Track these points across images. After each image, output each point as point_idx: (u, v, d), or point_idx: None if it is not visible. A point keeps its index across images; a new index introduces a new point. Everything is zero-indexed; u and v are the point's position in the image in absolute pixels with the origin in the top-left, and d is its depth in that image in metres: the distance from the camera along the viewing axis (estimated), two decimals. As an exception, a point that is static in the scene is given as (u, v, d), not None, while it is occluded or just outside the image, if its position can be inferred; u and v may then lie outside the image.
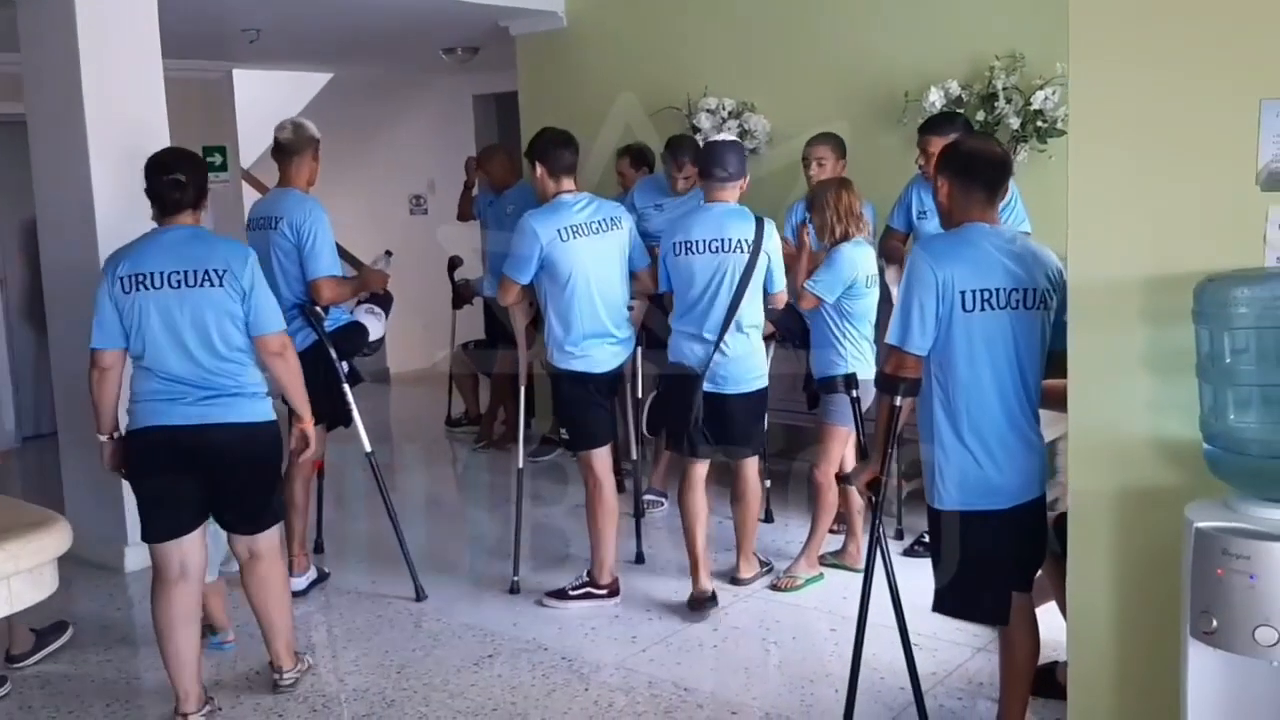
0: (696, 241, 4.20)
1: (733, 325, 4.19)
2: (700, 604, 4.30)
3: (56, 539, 1.50)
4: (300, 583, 4.64)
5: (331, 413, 4.60)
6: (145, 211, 5.00)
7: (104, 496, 4.92)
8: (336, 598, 4.66)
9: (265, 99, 9.36)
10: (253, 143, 9.59)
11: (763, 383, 4.39)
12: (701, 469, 4.42)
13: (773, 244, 4.27)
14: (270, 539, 3.64)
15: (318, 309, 4.44)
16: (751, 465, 4.52)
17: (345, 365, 4.56)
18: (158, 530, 3.45)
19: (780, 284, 4.34)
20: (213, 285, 3.40)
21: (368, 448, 4.65)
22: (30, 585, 1.49)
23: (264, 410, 3.52)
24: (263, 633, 3.75)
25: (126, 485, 4.81)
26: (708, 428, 4.29)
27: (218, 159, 8.51)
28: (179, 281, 3.39)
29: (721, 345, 4.20)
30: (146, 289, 3.38)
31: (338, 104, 9.50)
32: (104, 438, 3.55)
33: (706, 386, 4.23)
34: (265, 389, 3.55)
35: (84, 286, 4.82)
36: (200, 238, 3.52)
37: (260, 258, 4.36)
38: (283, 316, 3.64)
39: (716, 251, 4.18)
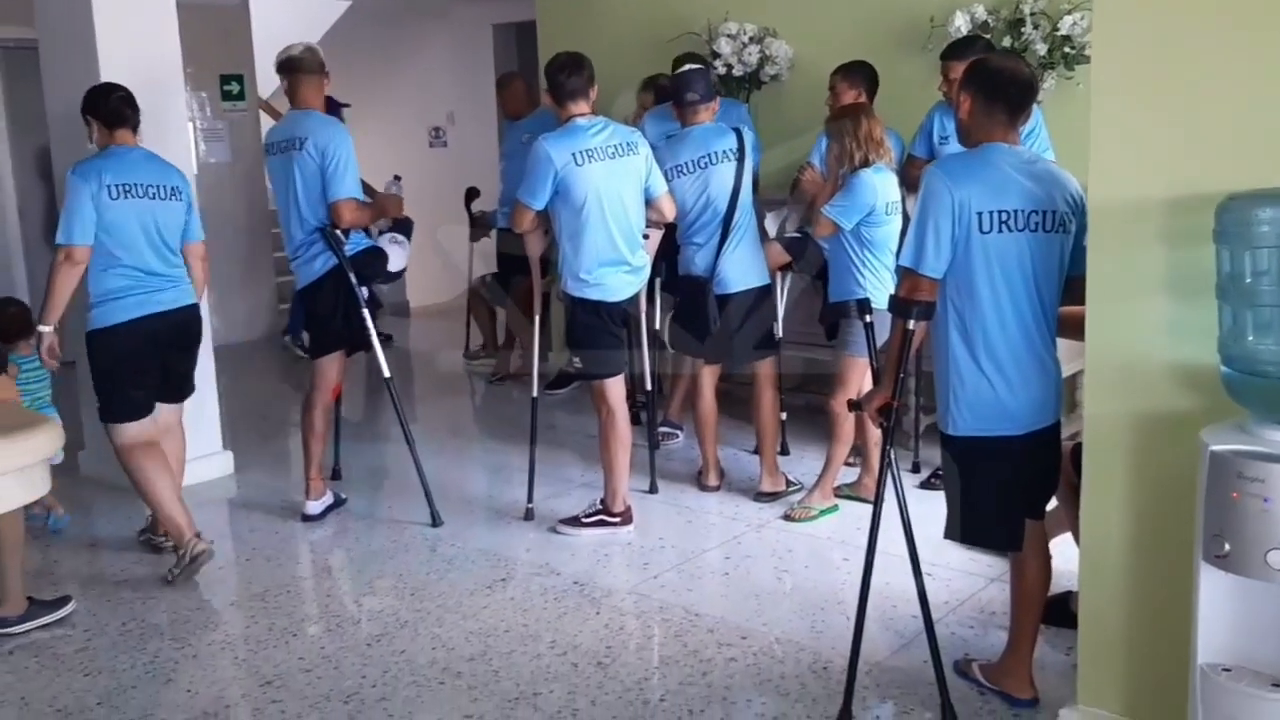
0: (685, 162, 4.50)
1: (731, 229, 4.48)
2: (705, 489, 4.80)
3: (47, 440, 1.50)
4: (316, 507, 4.68)
5: (350, 337, 4.59)
6: (156, 135, 5.03)
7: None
8: (353, 522, 4.69)
9: (282, 27, 9.26)
10: (270, 72, 9.51)
11: (763, 280, 4.65)
12: (711, 375, 4.73)
13: (753, 146, 4.64)
14: (181, 410, 4.39)
15: (338, 233, 4.40)
16: (765, 369, 4.75)
17: (365, 290, 4.54)
18: (143, 407, 4.12)
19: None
20: (175, 199, 4.13)
21: (386, 373, 4.65)
22: (20, 485, 1.48)
23: (194, 295, 4.27)
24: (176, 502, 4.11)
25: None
26: (718, 330, 4.54)
27: (234, 87, 8.45)
28: (154, 194, 4.06)
29: (723, 249, 4.48)
30: (132, 197, 4.00)
31: (355, 33, 9.39)
32: (50, 329, 3.97)
33: (714, 290, 4.48)
34: (189, 280, 4.25)
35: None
36: (156, 158, 4.18)
37: (280, 180, 4.41)
38: (299, 235, 4.37)
39: (705, 167, 4.48)
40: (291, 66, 4.46)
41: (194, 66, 5.16)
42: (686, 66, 4.86)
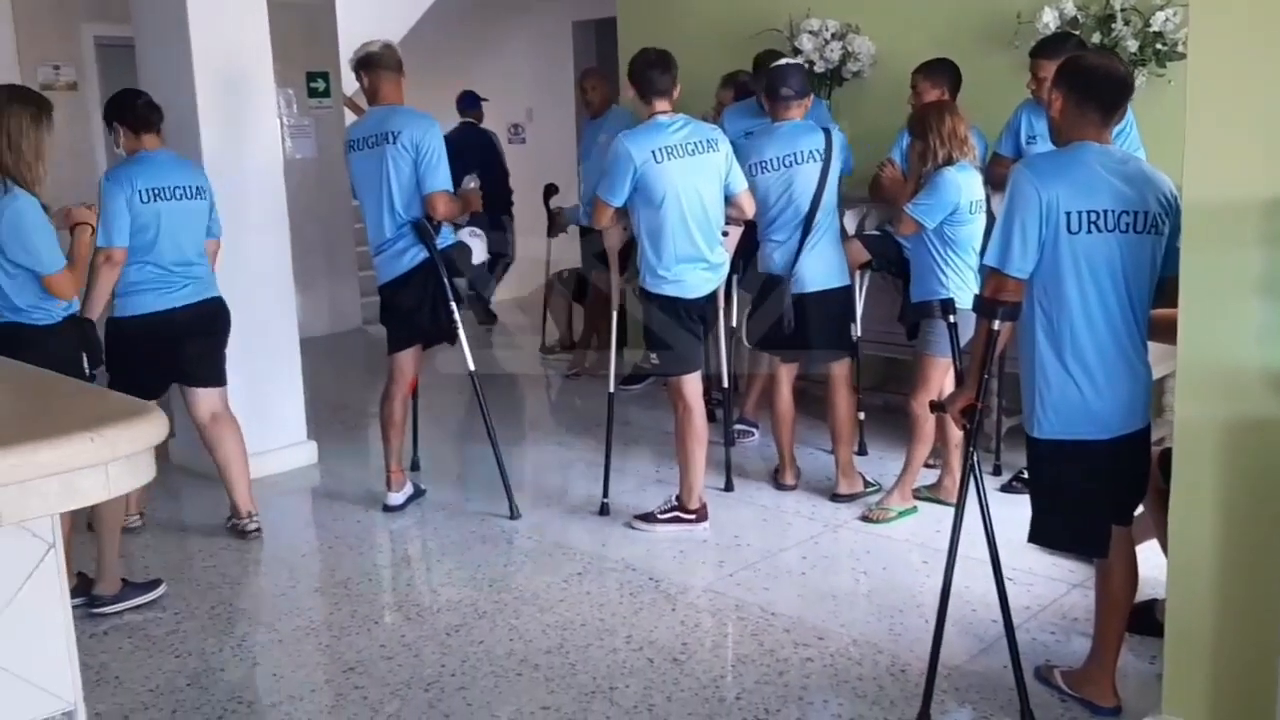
0: (770, 159, 4.49)
1: (812, 228, 4.46)
2: (781, 488, 4.80)
3: (153, 427, 1.55)
4: (397, 498, 4.76)
5: (435, 330, 4.66)
6: (246, 132, 5.16)
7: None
8: (432, 513, 4.76)
9: (366, 25, 9.41)
10: (354, 69, 9.69)
11: (843, 281, 4.63)
12: (788, 373, 4.72)
13: (843, 147, 4.59)
14: (226, 396, 4.51)
15: (430, 227, 4.45)
16: (840, 370, 4.69)
17: (451, 285, 4.59)
18: (150, 392, 4.05)
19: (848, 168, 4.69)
20: (199, 199, 4.32)
21: (471, 366, 4.71)
22: (127, 472, 1.53)
23: (218, 288, 4.46)
24: (227, 486, 4.48)
25: (235, 399, 5.02)
26: (795, 329, 4.53)
27: (320, 84, 8.61)
28: (180, 194, 4.25)
29: (803, 248, 4.48)
30: (161, 200, 4.18)
31: (437, 31, 9.52)
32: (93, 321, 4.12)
33: (792, 289, 4.47)
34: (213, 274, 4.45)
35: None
36: (181, 160, 4.40)
37: (369, 175, 4.48)
38: (389, 230, 4.48)
39: (790, 166, 4.47)
40: (371, 63, 4.51)
41: (281, 63, 5.26)
42: (783, 60, 4.81)
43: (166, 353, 4.30)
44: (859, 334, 4.99)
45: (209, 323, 4.39)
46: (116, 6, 7.07)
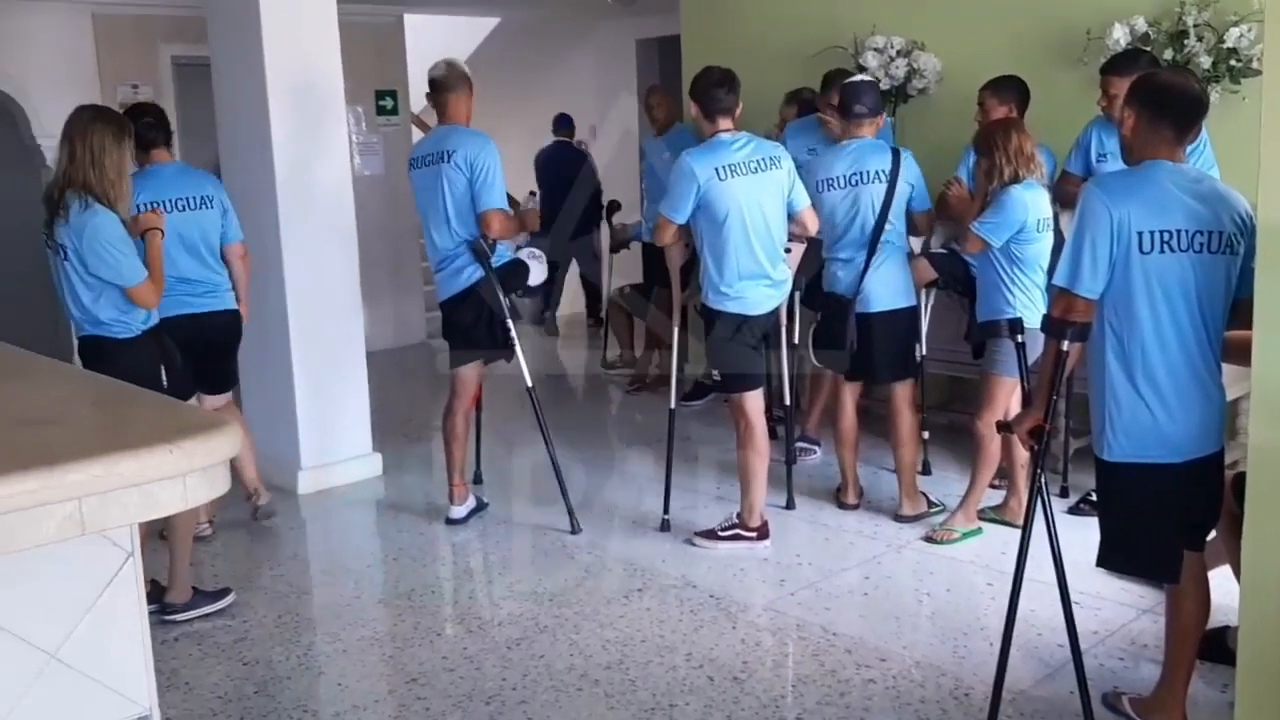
0: (837, 177, 4.46)
1: (878, 249, 4.43)
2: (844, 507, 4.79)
3: (228, 441, 1.59)
4: (459, 511, 4.80)
5: (492, 346, 4.70)
6: (318, 149, 5.26)
7: (280, 421, 5.20)
8: (493, 527, 4.80)
9: (434, 44, 9.55)
10: (421, 87, 9.83)
11: (908, 301, 4.57)
12: (852, 391, 4.68)
13: (913, 172, 4.51)
14: (229, 398, 4.71)
15: (485, 245, 4.51)
16: (903, 391, 4.63)
17: (508, 301, 4.64)
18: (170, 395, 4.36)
19: (925, 204, 4.60)
20: (207, 208, 4.43)
21: (529, 382, 4.75)
22: (204, 483, 1.57)
23: (233, 301, 4.56)
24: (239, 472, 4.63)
25: (302, 411, 5.10)
26: (859, 349, 4.50)
27: (389, 102, 8.74)
28: (184, 205, 4.36)
29: (868, 267, 4.43)
30: (166, 212, 4.21)
31: (503, 49, 9.64)
32: None
33: (856, 308, 4.43)
34: (229, 286, 4.55)
35: (263, 221, 5.08)
36: (188, 171, 4.56)
37: (426, 192, 4.54)
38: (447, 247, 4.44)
39: (856, 184, 4.44)
40: (435, 83, 4.59)
41: (351, 82, 5.36)
42: (857, 77, 4.81)
43: (184, 357, 4.22)
44: (924, 354, 4.95)
45: (218, 334, 4.53)
46: (193, 27, 7.26)
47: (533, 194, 5.00)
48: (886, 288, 4.49)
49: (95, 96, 7.18)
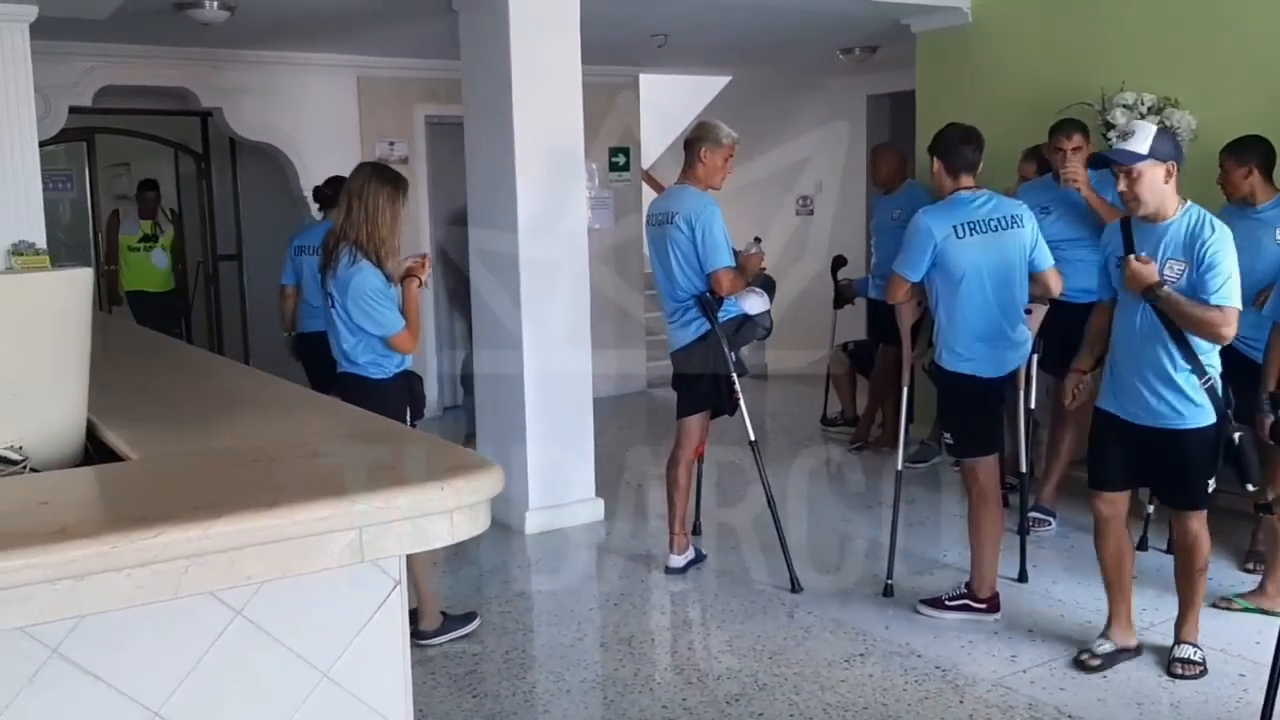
0: None
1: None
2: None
3: (491, 481, 1.69)
4: (679, 561, 4.84)
5: (717, 400, 4.75)
6: (558, 202, 5.50)
7: (511, 462, 5.39)
8: (711, 579, 4.81)
9: (666, 102, 9.81)
10: (652, 144, 10.11)
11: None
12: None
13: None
14: None
15: (713, 300, 4.58)
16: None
17: (733, 356, 4.69)
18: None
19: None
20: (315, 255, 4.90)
21: (752, 436, 4.77)
22: (468, 520, 1.67)
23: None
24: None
25: (532, 453, 5.27)
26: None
27: (621, 159, 9.01)
28: (315, 250, 4.87)
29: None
30: (305, 255, 5.68)
31: (734, 106, 9.78)
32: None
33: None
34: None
35: (505, 269, 5.32)
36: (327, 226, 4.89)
37: (658, 249, 4.69)
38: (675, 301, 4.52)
39: None
40: (686, 142, 4.77)
41: (587, 138, 5.59)
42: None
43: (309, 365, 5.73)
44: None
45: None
46: (444, 89, 7.74)
47: (757, 240, 5.02)
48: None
49: (356, 152, 7.73)
